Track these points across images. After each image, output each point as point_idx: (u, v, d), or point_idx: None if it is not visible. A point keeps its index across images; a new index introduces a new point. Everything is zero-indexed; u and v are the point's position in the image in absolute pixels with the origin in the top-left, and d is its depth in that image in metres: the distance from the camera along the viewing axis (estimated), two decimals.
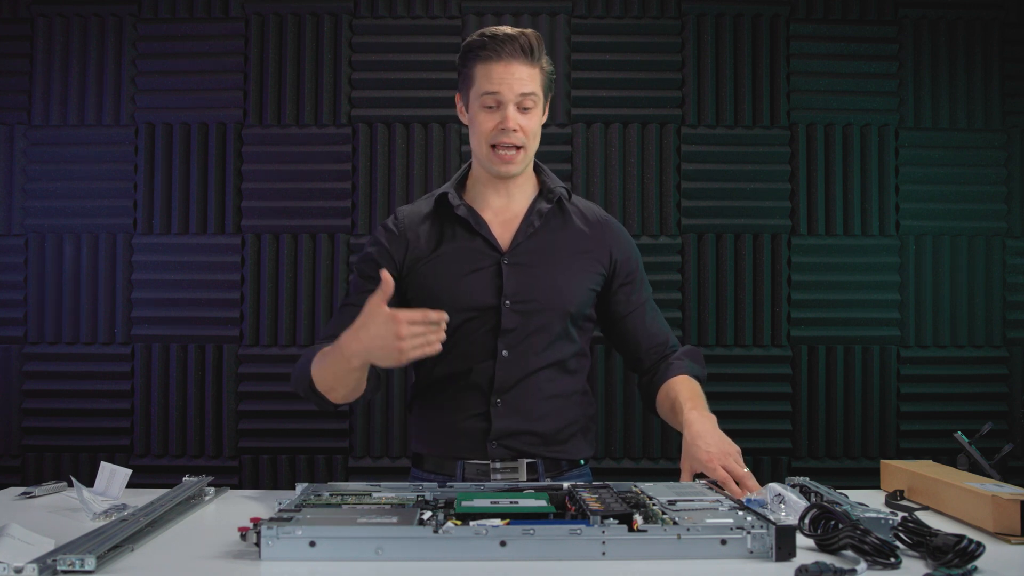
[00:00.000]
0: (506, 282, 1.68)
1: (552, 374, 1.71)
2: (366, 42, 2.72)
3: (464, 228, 1.72)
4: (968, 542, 1.11)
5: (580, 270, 1.73)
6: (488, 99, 1.65)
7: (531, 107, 1.66)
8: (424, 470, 1.75)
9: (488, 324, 1.68)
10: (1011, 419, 2.68)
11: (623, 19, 2.73)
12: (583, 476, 1.77)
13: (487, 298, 1.68)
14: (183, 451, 2.68)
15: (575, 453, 1.74)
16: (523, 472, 1.68)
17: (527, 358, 1.68)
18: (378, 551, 1.13)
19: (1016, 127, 2.74)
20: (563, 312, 1.70)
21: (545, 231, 1.74)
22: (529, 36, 1.65)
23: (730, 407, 2.68)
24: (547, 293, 1.69)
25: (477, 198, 1.75)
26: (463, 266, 1.70)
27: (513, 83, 1.63)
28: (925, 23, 2.74)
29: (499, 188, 1.74)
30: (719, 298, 2.69)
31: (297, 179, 2.70)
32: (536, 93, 1.66)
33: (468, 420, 1.69)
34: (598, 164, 2.69)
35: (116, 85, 2.71)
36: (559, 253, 1.73)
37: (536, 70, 1.66)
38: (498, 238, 1.71)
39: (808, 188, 2.72)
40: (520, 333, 1.68)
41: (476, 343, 1.68)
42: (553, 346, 1.70)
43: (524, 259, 1.70)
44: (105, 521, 1.36)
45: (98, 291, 2.69)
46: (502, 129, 1.64)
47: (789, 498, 1.38)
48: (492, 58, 1.64)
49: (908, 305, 2.71)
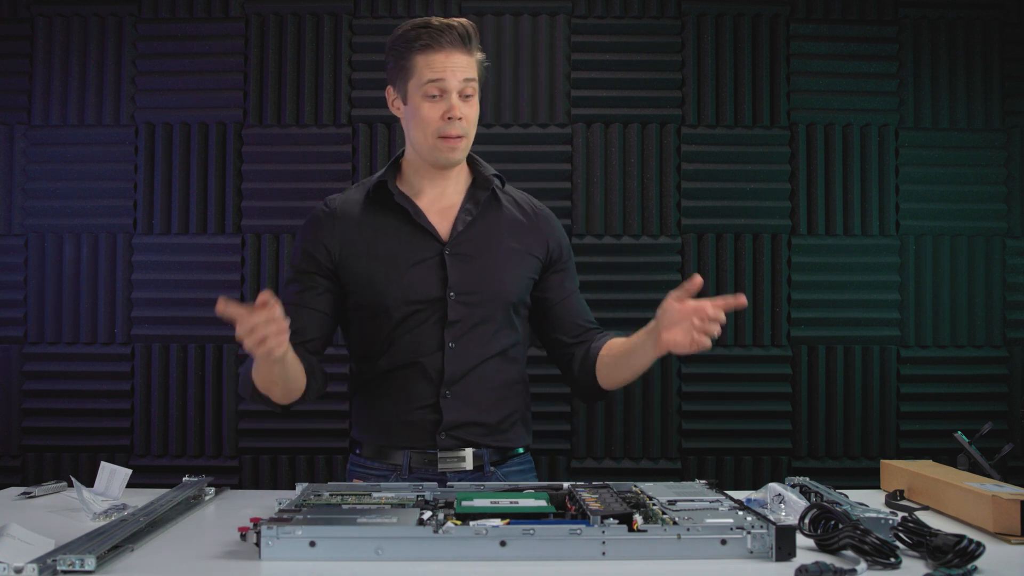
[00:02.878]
0: (450, 273, 1.68)
1: (497, 364, 1.73)
2: (366, 42, 2.72)
3: (401, 218, 1.72)
4: (968, 542, 1.11)
5: (519, 259, 1.75)
6: (431, 87, 1.64)
7: (471, 95, 1.68)
8: (365, 457, 1.76)
9: (434, 316, 1.68)
10: (1011, 419, 2.67)
11: (623, 19, 2.73)
12: (525, 464, 1.80)
13: (432, 290, 1.68)
14: (183, 451, 2.68)
15: (516, 441, 1.77)
16: (469, 461, 1.69)
17: (474, 349, 1.69)
18: (378, 551, 1.13)
19: (1016, 127, 2.74)
20: (506, 302, 1.72)
21: (482, 220, 1.75)
22: (465, 25, 1.67)
23: (730, 407, 2.68)
24: (490, 283, 1.70)
25: (412, 187, 1.75)
26: (404, 257, 1.69)
27: (456, 70, 1.64)
28: (925, 23, 2.74)
29: (435, 178, 1.74)
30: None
31: (297, 179, 2.70)
32: (475, 79, 1.68)
33: (417, 411, 1.69)
34: (598, 164, 2.69)
35: (116, 85, 2.71)
36: (498, 242, 1.74)
37: (473, 59, 1.68)
38: (436, 228, 1.71)
39: (808, 188, 2.72)
40: (465, 324, 1.69)
41: (422, 335, 1.69)
42: (497, 336, 1.72)
43: (465, 249, 1.71)
44: (105, 521, 1.37)
45: (98, 291, 2.69)
46: (448, 119, 1.65)
47: (789, 498, 1.39)
48: (432, 47, 1.64)
49: (908, 305, 2.71)
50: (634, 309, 1.87)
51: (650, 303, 2.61)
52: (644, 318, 1.68)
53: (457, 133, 1.66)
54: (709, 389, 2.69)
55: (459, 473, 1.69)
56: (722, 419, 2.69)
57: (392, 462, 1.71)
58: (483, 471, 1.70)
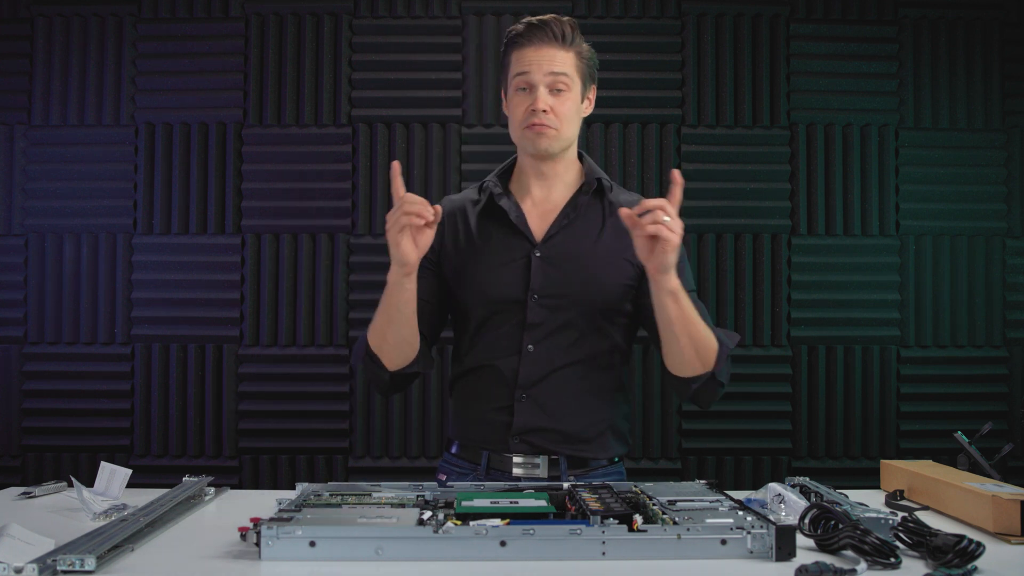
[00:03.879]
0: (533, 275, 1.65)
1: (581, 370, 1.66)
2: (366, 42, 2.72)
3: (503, 218, 1.70)
4: (968, 542, 1.11)
5: (613, 264, 1.68)
6: (520, 80, 1.64)
7: (563, 89, 1.64)
8: (452, 454, 1.74)
9: (514, 318, 1.65)
10: (1011, 419, 2.67)
11: (623, 19, 2.73)
12: (613, 475, 1.71)
13: (514, 291, 1.65)
14: (183, 451, 2.68)
15: (601, 452, 1.68)
16: (544, 469, 1.64)
17: (553, 353, 1.65)
18: (378, 551, 1.13)
19: (1016, 127, 2.74)
20: (592, 307, 1.66)
21: (581, 223, 1.70)
22: (563, 21, 1.65)
23: (730, 407, 2.68)
24: (576, 287, 1.65)
25: (520, 188, 1.74)
26: (496, 257, 1.68)
27: (543, 63, 1.62)
28: (925, 23, 2.74)
29: (541, 177, 1.72)
30: (719, 298, 2.69)
31: (297, 179, 2.70)
32: (568, 74, 1.64)
33: (493, 412, 1.66)
34: (598, 164, 2.69)
35: (116, 85, 2.71)
36: (591, 246, 1.68)
37: (570, 54, 1.65)
38: (534, 229, 1.69)
39: (808, 188, 2.72)
40: (546, 328, 1.65)
41: (502, 336, 1.66)
42: (582, 342, 1.66)
43: (555, 252, 1.67)
44: (105, 521, 1.36)
45: (98, 291, 2.69)
46: (532, 110, 1.63)
47: (789, 498, 1.38)
48: (525, 43, 1.64)
49: (908, 305, 2.71)
50: None
51: None
52: None
53: (542, 122, 1.63)
54: None
55: (534, 480, 1.62)
56: (722, 419, 2.69)
57: (474, 460, 1.69)
58: (560, 480, 1.62)
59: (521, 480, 1.62)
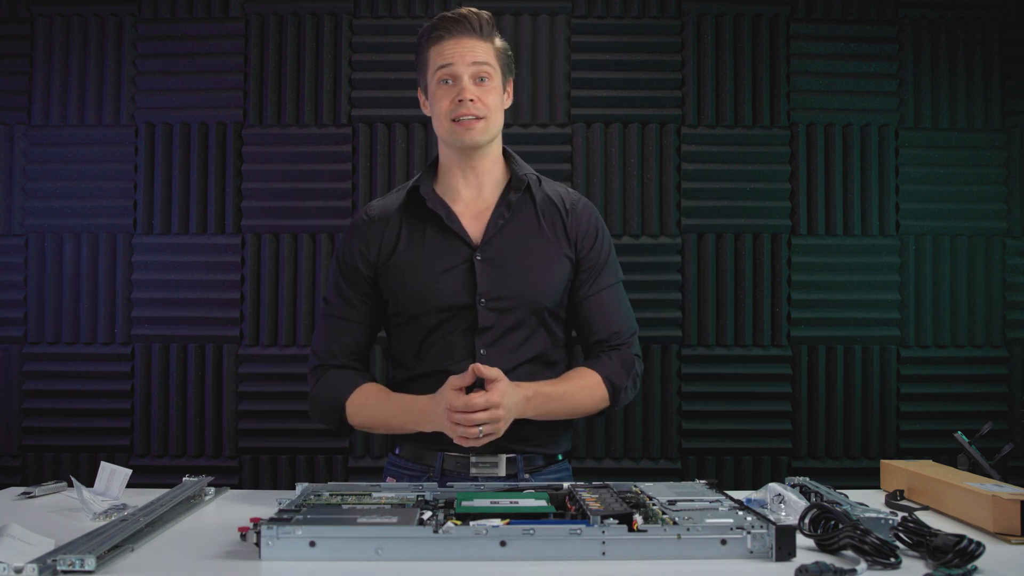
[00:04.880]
0: (479, 280, 1.65)
1: (532, 369, 1.68)
2: (366, 42, 2.72)
3: (436, 222, 1.70)
4: (968, 542, 1.11)
5: (552, 261, 1.70)
6: (443, 73, 1.64)
7: (487, 79, 1.65)
8: (402, 458, 1.74)
9: (465, 323, 1.66)
10: (1011, 419, 2.67)
11: (623, 19, 2.73)
12: (562, 471, 1.76)
13: (461, 297, 1.66)
14: (183, 451, 2.68)
15: (554, 448, 1.73)
16: (503, 467, 1.66)
17: (506, 355, 1.66)
18: (378, 551, 1.13)
19: (1016, 127, 2.74)
20: (540, 306, 1.68)
21: (515, 222, 1.71)
22: (479, 14, 1.66)
23: (730, 407, 2.68)
24: (521, 288, 1.66)
25: (448, 189, 1.73)
26: (436, 263, 1.67)
27: (465, 54, 1.63)
28: (925, 23, 2.74)
29: (468, 175, 1.72)
30: (719, 298, 2.69)
31: (297, 179, 2.70)
32: (490, 64, 1.65)
33: None
34: (598, 164, 2.69)
35: (116, 85, 2.71)
36: (530, 245, 1.69)
37: (489, 45, 1.67)
38: (470, 231, 1.69)
39: (808, 188, 2.72)
40: (497, 330, 1.66)
41: (454, 343, 1.67)
42: (531, 340, 1.69)
43: (496, 254, 1.68)
44: (105, 521, 1.36)
45: (98, 291, 2.69)
46: (459, 101, 1.63)
47: (789, 498, 1.39)
48: (443, 37, 1.65)
49: (908, 305, 2.71)
50: (634, 309, 1.87)
51: (650, 303, 2.64)
52: (644, 318, 1.69)
53: (470, 114, 1.63)
54: (709, 389, 2.69)
55: (493, 479, 1.65)
56: (722, 419, 2.69)
57: (426, 463, 1.69)
58: (517, 478, 1.66)
59: (479, 480, 1.64)
